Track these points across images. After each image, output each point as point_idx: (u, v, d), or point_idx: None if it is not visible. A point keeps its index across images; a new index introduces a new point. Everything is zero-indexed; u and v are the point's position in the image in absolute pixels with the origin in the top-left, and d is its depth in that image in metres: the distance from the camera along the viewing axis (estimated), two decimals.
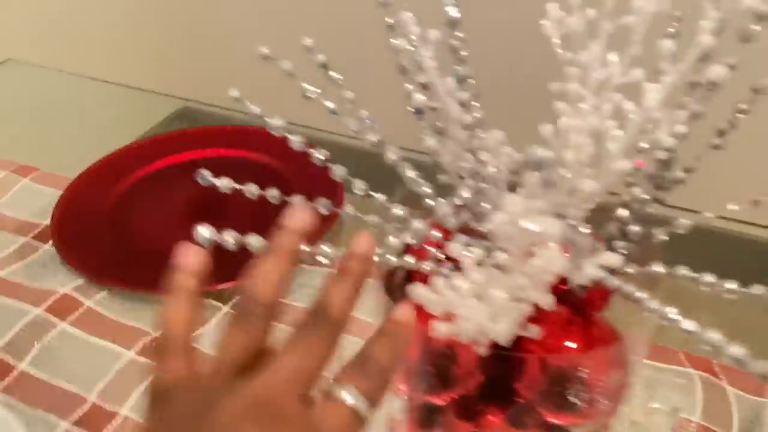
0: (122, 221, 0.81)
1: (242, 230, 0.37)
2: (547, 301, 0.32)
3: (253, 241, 0.36)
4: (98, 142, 0.95)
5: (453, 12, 0.36)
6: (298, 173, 0.85)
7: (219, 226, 0.81)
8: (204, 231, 0.36)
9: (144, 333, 0.68)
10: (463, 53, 0.37)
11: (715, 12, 0.33)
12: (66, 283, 0.73)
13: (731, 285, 0.37)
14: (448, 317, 0.33)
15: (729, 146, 0.40)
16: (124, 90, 1.11)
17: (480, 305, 0.32)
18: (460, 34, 0.37)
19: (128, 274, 0.73)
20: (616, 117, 0.38)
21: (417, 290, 0.32)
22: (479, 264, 0.34)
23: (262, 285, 0.34)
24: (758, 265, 0.72)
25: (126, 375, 0.64)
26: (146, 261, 0.75)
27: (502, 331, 0.31)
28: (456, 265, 0.41)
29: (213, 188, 0.42)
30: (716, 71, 0.34)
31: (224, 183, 0.43)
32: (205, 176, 0.42)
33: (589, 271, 0.31)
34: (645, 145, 0.39)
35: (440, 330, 0.32)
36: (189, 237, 0.78)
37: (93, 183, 0.85)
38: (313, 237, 0.34)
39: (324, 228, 0.74)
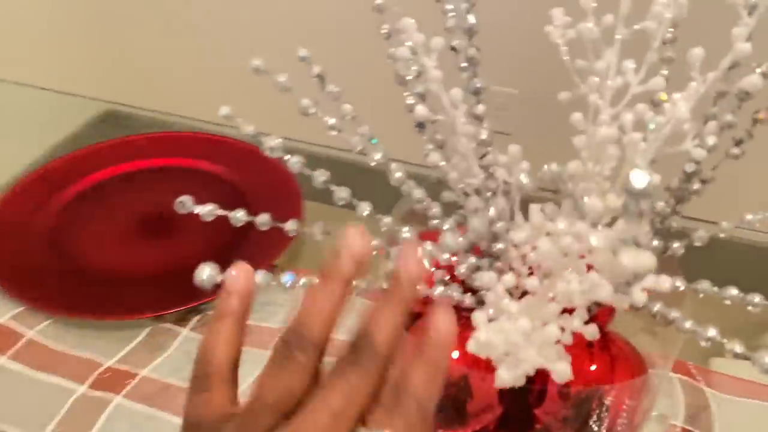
0: (62, 240, 0.74)
1: (193, 243, 0.33)
2: (592, 332, 0.30)
3: (260, 277, 0.33)
4: (17, 151, 0.87)
5: (471, 19, 0.33)
6: (252, 183, 0.80)
7: (169, 239, 0.76)
8: (205, 270, 0.31)
9: (96, 364, 0.62)
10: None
11: (749, 18, 0.32)
12: (2, 312, 0.67)
13: (757, 298, 0.36)
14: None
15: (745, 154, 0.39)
16: (38, 92, 1.03)
17: (527, 342, 0.29)
18: (476, 44, 0.34)
19: (73, 300, 0.67)
20: (635, 128, 0.36)
21: (480, 337, 0.29)
22: (511, 293, 0.32)
23: (312, 320, 0.30)
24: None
25: (79, 412, 0.59)
26: (92, 284, 0.70)
27: (563, 369, 0.29)
28: (464, 286, 0.38)
29: (160, 200, 0.38)
30: (751, 80, 0.32)
31: (207, 210, 0.39)
32: (186, 204, 0.38)
33: (636, 297, 0.29)
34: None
35: (504, 379, 0.29)
36: (138, 255, 0.73)
37: (26, 199, 0.78)
38: (274, 253, 0.30)
39: (284, 244, 0.69)
